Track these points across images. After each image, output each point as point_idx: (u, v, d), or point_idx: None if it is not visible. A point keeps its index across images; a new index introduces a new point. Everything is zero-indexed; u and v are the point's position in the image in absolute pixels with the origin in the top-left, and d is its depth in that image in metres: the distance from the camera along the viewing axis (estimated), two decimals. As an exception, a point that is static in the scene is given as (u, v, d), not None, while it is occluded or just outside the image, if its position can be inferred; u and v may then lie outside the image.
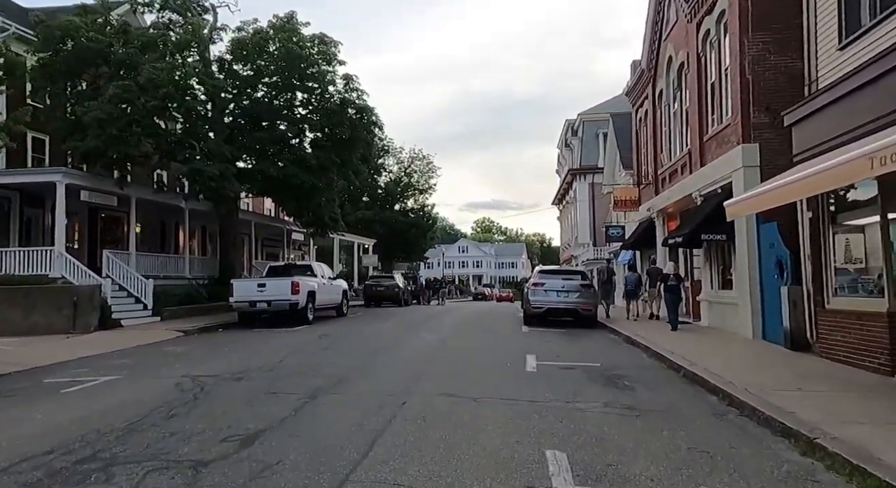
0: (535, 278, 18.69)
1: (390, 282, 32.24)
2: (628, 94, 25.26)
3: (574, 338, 15.17)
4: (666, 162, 20.20)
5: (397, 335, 15.62)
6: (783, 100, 12.73)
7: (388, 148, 65.77)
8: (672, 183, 19.31)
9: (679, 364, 10.08)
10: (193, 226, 29.22)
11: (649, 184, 22.34)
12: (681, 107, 18.51)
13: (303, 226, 28.34)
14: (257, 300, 17.83)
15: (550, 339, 14.71)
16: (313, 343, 13.79)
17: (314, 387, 8.45)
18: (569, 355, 11.86)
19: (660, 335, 14.58)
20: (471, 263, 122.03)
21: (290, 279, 18.11)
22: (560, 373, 9.72)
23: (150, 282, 18.75)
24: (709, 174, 15.48)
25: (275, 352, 12.32)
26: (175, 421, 6.66)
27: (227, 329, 17.71)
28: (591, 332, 16.70)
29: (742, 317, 13.48)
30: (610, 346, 13.64)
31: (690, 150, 17.23)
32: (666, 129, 20.24)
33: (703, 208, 15.29)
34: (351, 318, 21.99)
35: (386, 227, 59.71)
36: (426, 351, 12.44)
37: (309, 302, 18.72)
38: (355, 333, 16.08)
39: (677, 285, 16.31)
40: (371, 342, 14.10)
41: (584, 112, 48.32)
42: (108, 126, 16.85)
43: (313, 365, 10.59)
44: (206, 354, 12.25)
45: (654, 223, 21.58)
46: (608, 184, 28.09)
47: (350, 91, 23.27)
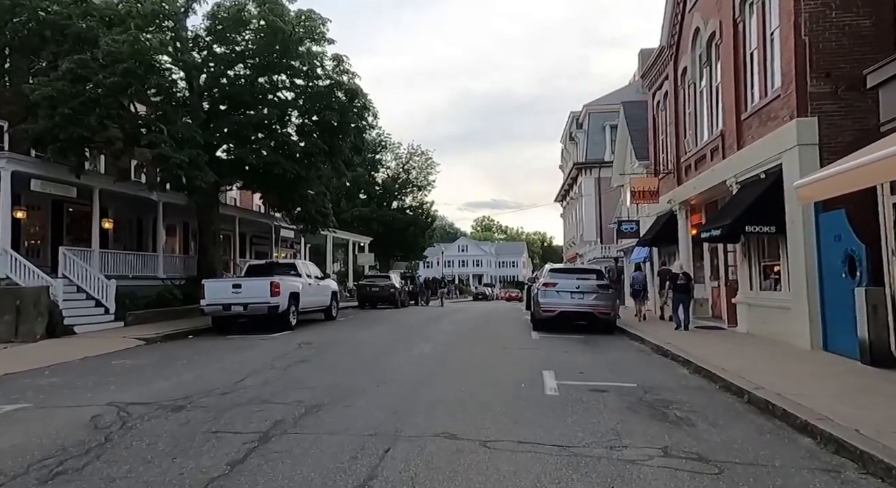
0: (546, 277, 16.61)
1: (386, 282, 30.16)
2: (644, 75, 23.18)
3: (595, 347, 13.10)
4: (691, 147, 18.12)
5: (389, 344, 13.54)
6: (848, 64, 10.70)
7: (386, 143, 63.89)
8: (699, 170, 17.23)
9: (738, 385, 8.01)
10: (172, 222, 27.15)
11: (669, 174, 20.27)
12: (710, 83, 16.43)
13: (292, 222, 26.27)
14: (232, 303, 15.75)
15: (567, 349, 12.64)
16: (289, 354, 11.71)
17: (272, 422, 6.40)
18: (594, 371, 9.80)
19: (693, 342, 12.54)
20: (471, 262, 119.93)
21: (268, 279, 16.03)
22: (590, 398, 7.65)
23: (113, 283, 16.67)
24: (748, 157, 13.41)
25: (240, 366, 10.26)
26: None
27: (198, 336, 15.63)
28: (612, 340, 14.63)
29: (795, 323, 11.41)
30: (640, 358, 11.56)
31: (723, 132, 15.16)
32: (691, 111, 18.16)
33: (744, 196, 13.22)
34: (340, 322, 19.90)
35: (383, 225, 57.67)
36: (421, 366, 10.36)
37: (291, 304, 16.65)
38: (341, 341, 14.00)
39: (686, 284, 15.79)
40: (358, 353, 12.03)
41: (590, 104, 46.24)
42: (60, 105, 14.76)
43: (281, 386, 8.52)
44: (157, 370, 10.17)
45: (675, 216, 19.51)
46: (625, 173, 25.92)
47: (340, 73, 21.19)
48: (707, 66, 16.48)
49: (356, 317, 23.34)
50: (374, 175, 63.18)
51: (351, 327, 17.94)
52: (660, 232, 20.14)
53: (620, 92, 47.25)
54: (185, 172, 15.84)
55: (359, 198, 61.73)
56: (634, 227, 25.34)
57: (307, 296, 18.08)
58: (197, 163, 16.11)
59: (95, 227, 17.91)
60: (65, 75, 14.94)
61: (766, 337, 12.89)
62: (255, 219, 28.22)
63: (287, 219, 26.94)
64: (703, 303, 19.01)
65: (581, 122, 47.73)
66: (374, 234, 52.81)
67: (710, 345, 12.24)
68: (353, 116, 20.81)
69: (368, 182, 61.67)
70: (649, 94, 22.88)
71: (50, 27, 16.73)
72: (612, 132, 44.50)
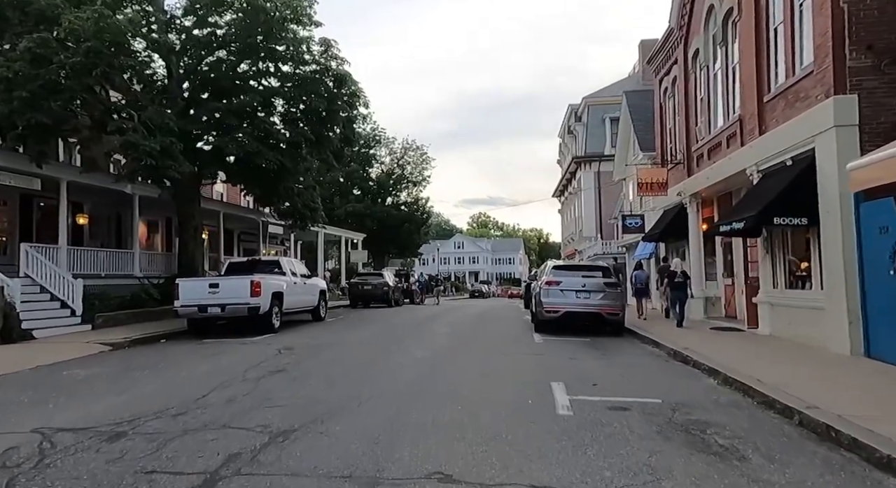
0: (549, 275, 15.39)
1: (378, 280, 28.89)
2: (650, 61, 21.95)
3: (604, 352, 11.89)
4: (703, 135, 16.92)
5: (378, 349, 12.31)
6: (892, 35, 9.49)
7: (380, 138, 62.55)
8: (713, 159, 16.04)
9: (783, 402, 6.81)
10: (154, 218, 25.91)
11: (678, 165, 19.07)
12: (725, 65, 15.22)
13: (280, 218, 24.98)
14: (209, 304, 14.48)
15: (574, 354, 11.43)
16: (266, 362, 10.46)
17: (225, 456, 5.18)
18: (609, 383, 8.58)
19: (713, 346, 11.36)
20: (467, 259, 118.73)
21: (248, 278, 14.77)
22: (610, 420, 6.44)
23: (80, 283, 15.38)
24: (772, 143, 12.21)
25: (207, 377, 9.01)
26: None
27: (172, 340, 14.37)
28: (621, 344, 13.42)
29: (830, 325, 10.23)
30: (657, 365, 10.35)
31: (742, 117, 13.95)
32: (703, 96, 16.96)
33: (768, 186, 12.01)
34: (329, 324, 18.65)
35: (378, 222, 56.35)
36: (413, 376, 9.13)
37: (274, 305, 15.40)
38: (326, 346, 12.75)
39: (684, 282, 15.83)
40: (342, 360, 10.79)
41: (589, 96, 45.02)
42: (17, 88, 13.45)
43: (248, 403, 7.29)
44: (111, 383, 8.92)
45: (685, 210, 18.32)
46: (630, 164, 24.63)
47: (328, 59, 19.89)
48: (723, 45, 15.26)
49: (346, 317, 22.10)
50: (367, 170, 61.89)
51: (339, 329, 16.69)
52: (668, 226, 18.96)
53: (620, 84, 46.05)
54: (157, 162, 14.52)
55: (352, 193, 60.38)
56: (639, 222, 24.15)
57: (292, 296, 16.83)
58: (170, 152, 14.80)
59: (63, 223, 16.59)
60: (23, 55, 13.62)
61: (792, 340, 11.71)
62: (241, 214, 26.90)
63: (275, 215, 25.65)
64: (716, 302, 17.87)
65: (580, 116, 46.51)
66: (368, 231, 51.54)
67: (733, 350, 11.06)
68: (342, 105, 19.52)
69: (362, 177, 60.33)
70: (656, 80, 21.67)
71: (10, 7, 15.42)
72: (613, 125, 43.32)
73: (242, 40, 18.44)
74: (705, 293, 17.90)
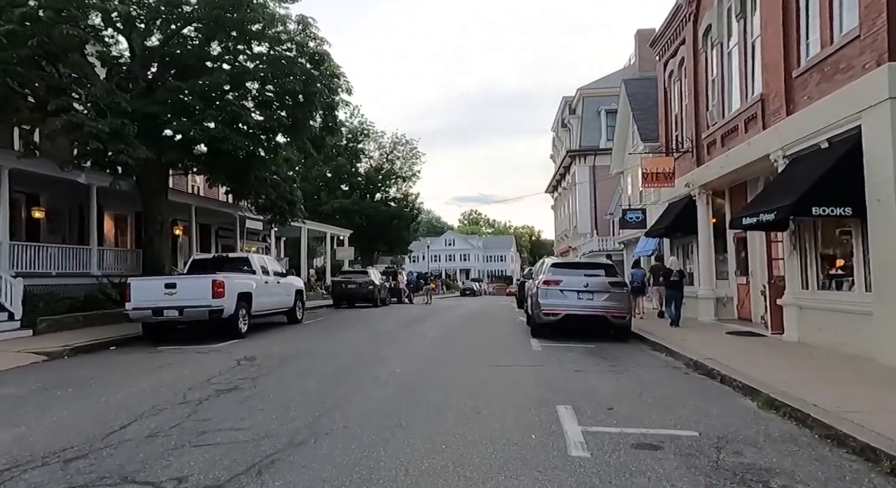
0: (548, 274, 13.84)
1: (364, 279, 27.25)
2: (653, 43, 20.43)
3: (613, 362, 10.34)
4: (715, 120, 15.42)
5: (354, 359, 10.70)
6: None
7: (369, 131, 60.91)
8: (727, 146, 14.54)
9: (862, 440, 5.28)
10: (121, 212, 24.23)
11: (686, 153, 17.57)
12: (743, 40, 13.70)
13: (257, 212, 23.29)
14: (164, 306, 12.82)
15: (580, 365, 9.88)
16: (217, 378, 8.84)
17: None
18: (627, 405, 7.03)
19: (738, 355, 9.88)
20: (458, 257, 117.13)
21: (210, 277, 13.12)
22: (640, 465, 4.90)
23: (20, 282, 13.68)
24: (804, 123, 10.71)
25: (137, 401, 7.39)
26: None
27: (124, 347, 12.72)
28: (630, 351, 11.89)
29: (882, 332, 8.74)
30: (678, 381, 8.80)
31: (765, 96, 12.44)
32: (716, 77, 15.45)
33: (799, 173, 10.51)
34: (305, 327, 17.03)
35: (366, 218, 54.69)
36: (389, 399, 7.53)
37: (241, 307, 13.77)
38: (295, 356, 11.13)
39: (679, 281, 15.48)
40: (309, 375, 9.18)
41: (585, 87, 43.52)
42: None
43: (174, 439, 5.70)
44: (14, 408, 7.25)
45: (694, 202, 16.83)
46: (634, 153, 23.06)
47: (307, 38, 18.23)
48: (740, 18, 13.74)
49: (327, 318, 20.48)
50: (356, 165, 60.17)
51: (315, 334, 15.07)
52: (675, 221, 17.45)
53: (616, 75, 44.58)
54: (105, 146, 12.83)
55: (340, 189, 58.63)
56: (640, 217, 22.65)
57: (263, 297, 15.20)
58: (121, 136, 13.10)
59: (4, 214, 14.84)
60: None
61: (827, 348, 10.22)
62: (215, 208, 25.15)
63: (252, 209, 23.93)
64: (727, 303, 16.41)
65: (574, 108, 45.02)
66: (356, 227, 49.92)
67: (763, 360, 9.56)
68: (321, 88, 17.84)
69: (350, 172, 58.60)
70: (660, 64, 20.15)
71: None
72: (609, 118, 41.88)
73: (211, 16, 16.73)
74: (716, 293, 16.43)
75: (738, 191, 15.57)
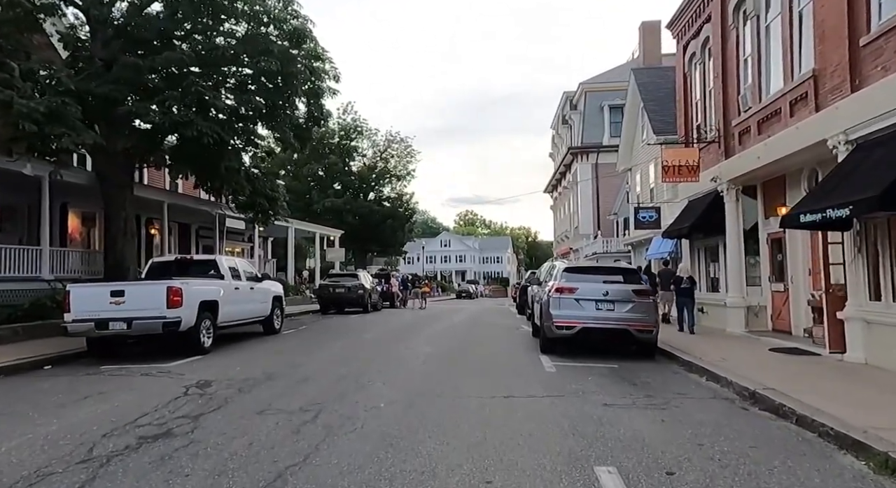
0: (562, 280, 11.91)
1: (352, 282, 25.27)
2: (671, 24, 18.55)
3: (649, 391, 8.41)
4: (749, 105, 13.55)
5: (329, 386, 8.72)
6: None
7: (362, 129, 58.99)
8: (766, 133, 12.67)
9: None
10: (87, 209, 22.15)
11: (711, 144, 15.71)
12: (788, 9, 11.81)
13: (238, 209, 21.28)
14: (110, 318, 10.85)
15: (609, 396, 7.96)
16: (148, 417, 6.89)
17: None
18: (692, 469, 5.11)
19: (799, 381, 8.08)
20: (453, 258, 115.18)
21: (164, 283, 11.15)
22: None
23: (-59, 289, 11.69)
24: (877, 100, 8.84)
25: (17, 461, 5.45)
26: None
27: (61, 365, 10.75)
28: (662, 372, 9.98)
29: None
30: (742, 424, 6.82)
31: (819, 72, 10.57)
32: (751, 56, 13.59)
33: (876, 160, 8.61)
34: (282, 339, 15.07)
35: (359, 218, 52.78)
36: (368, 458, 5.57)
37: (204, 318, 11.82)
38: (258, 382, 9.16)
39: (690, 287, 15.04)
40: (272, 409, 7.22)
41: (587, 81, 41.73)
42: None
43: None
44: None
45: (721, 198, 14.96)
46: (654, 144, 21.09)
47: (288, 16, 16.30)
48: (784, -15, 11.88)
49: (311, 327, 18.52)
50: (348, 163, 58.20)
51: (291, 348, 13.10)
52: (699, 220, 15.57)
53: (619, 69, 42.81)
54: (42, 128, 10.87)
55: (332, 188, 56.68)
56: (654, 216, 20.77)
57: (232, 305, 13.26)
58: (62, 117, 11.15)
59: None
60: None
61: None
62: (190, 205, 23.10)
63: (232, 207, 21.91)
64: (760, 312, 14.54)
65: (576, 103, 43.19)
66: (348, 228, 47.97)
67: (837, 391, 7.68)
68: (302, 69, 15.91)
69: (342, 171, 56.67)
70: (679, 47, 18.27)
71: None
72: (613, 113, 40.11)
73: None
74: (747, 301, 14.56)
75: (774, 186, 13.73)
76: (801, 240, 12.60)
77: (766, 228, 14.41)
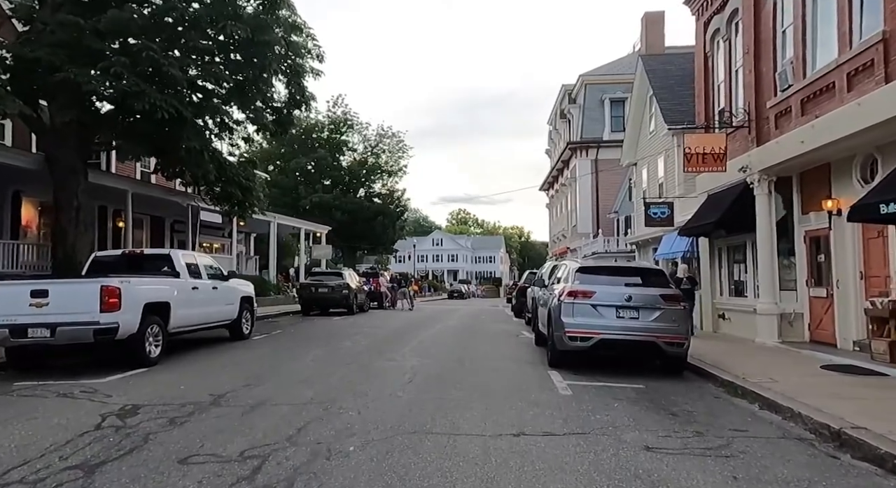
0: (575, 283, 10.07)
1: (336, 281, 23.35)
2: (689, 0, 16.75)
3: (696, 426, 6.58)
4: (790, 82, 11.78)
5: (289, 418, 6.81)
6: None
7: (353, 122, 57.05)
8: (814, 113, 10.91)
9: None
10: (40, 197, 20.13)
11: (739, 129, 13.94)
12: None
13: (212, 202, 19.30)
14: (30, 323, 8.93)
15: (647, 435, 6.13)
16: (26, 470, 5.01)
17: None
18: None
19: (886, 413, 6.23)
20: (445, 257, 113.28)
21: (97, 282, 9.23)
22: None
23: None
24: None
25: None
26: None
27: (-31, 381, 8.82)
28: (701, 396, 8.16)
29: None
30: (843, 484, 5.04)
31: (888, 35, 8.80)
32: (792, 26, 11.81)
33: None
34: (250, 346, 13.15)
35: (348, 214, 50.80)
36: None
37: (151, 324, 9.92)
38: (198, 409, 7.27)
39: (691, 289, 14.37)
40: (198, 456, 5.35)
41: (587, 73, 39.96)
42: None
43: None
44: None
45: (751, 191, 13.20)
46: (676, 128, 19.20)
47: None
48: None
49: (286, 331, 16.62)
50: (338, 158, 56.23)
51: (255, 360, 11.20)
52: (727, 215, 13.78)
53: (619, 62, 41.18)
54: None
55: (320, 183, 54.68)
56: (667, 212, 18.99)
57: (189, 308, 11.36)
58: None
59: None
60: None
61: None
62: (158, 195, 21.09)
63: (206, 198, 19.89)
64: (795, 321, 12.78)
65: (575, 97, 41.41)
66: (337, 224, 46.01)
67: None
68: (277, 38, 14.00)
69: (332, 165, 54.66)
70: (698, 23, 16.47)
71: None
72: (614, 107, 38.45)
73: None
74: (780, 308, 12.81)
75: (815, 176, 11.98)
76: (852, 238, 10.85)
77: (803, 225, 12.65)
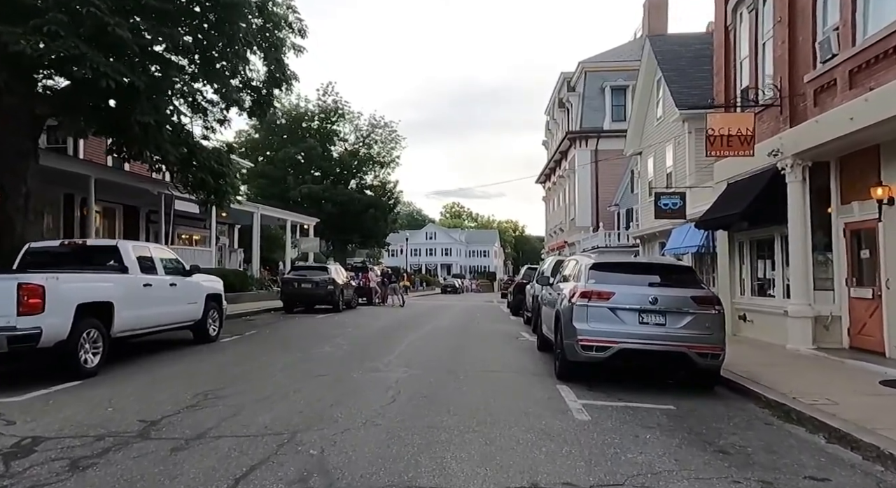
0: (589, 282, 8.53)
1: (321, 277, 21.75)
2: (710, -31, 15.23)
3: (759, 475, 5.06)
4: (834, 52, 10.27)
5: (238, 455, 5.28)
6: None
7: (344, 112, 55.31)
8: (866, 85, 9.41)
9: None
10: None
11: (769, 109, 12.43)
12: None
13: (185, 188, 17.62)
14: (-70, 329, 7.34)
15: (693, 483, 4.63)
16: None
17: None
18: None
19: None
20: (439, 251, 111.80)
21: (14, 280, 7.64)
22: None
23: None
24: None
25: None
26: None
27: None
28: (747, 422, 6.68)
29: None
30: None
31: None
32: (839, -14, 10.29)
33: None
34: (215, 350, 11.57)
35: (339, 206, 49.17)
36: None
37: (87, 328, 8.34)
38: (123, 444, 5.71)
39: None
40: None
41: (587, 60, 38.37)
42: None
43: None
44: None
45: (782, 178, 11.72)
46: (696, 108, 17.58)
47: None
48: None
49: (262, 332, 15.05)
50: (329, 148, 54.50)
51: (213, 370, 9.60)
52: (754, 205, 12.27)
53: (620, 49, 39.65)
54: None
55: (310, 173, 52.97)
56: (679, 203, 17.49)
57: (140, 308, 9.79)
58: None
59: None
60: None
61: None
62: (123, 181, 19.39)
63: (179, 186, 18.20)
64: (831, 325, 11.33)
65: (574, 85, 39.85)
66: (327, 216, 44.43)
67: None
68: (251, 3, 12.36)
69: (322, 156, 52.91)
70: (720, -4, 14.93)
71: None
72: (615, 95, 36.94)
73: None
74: (815, 310, 11.34)
75: (860, 161, 10.49)
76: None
77: (842, 216, 11.17)
